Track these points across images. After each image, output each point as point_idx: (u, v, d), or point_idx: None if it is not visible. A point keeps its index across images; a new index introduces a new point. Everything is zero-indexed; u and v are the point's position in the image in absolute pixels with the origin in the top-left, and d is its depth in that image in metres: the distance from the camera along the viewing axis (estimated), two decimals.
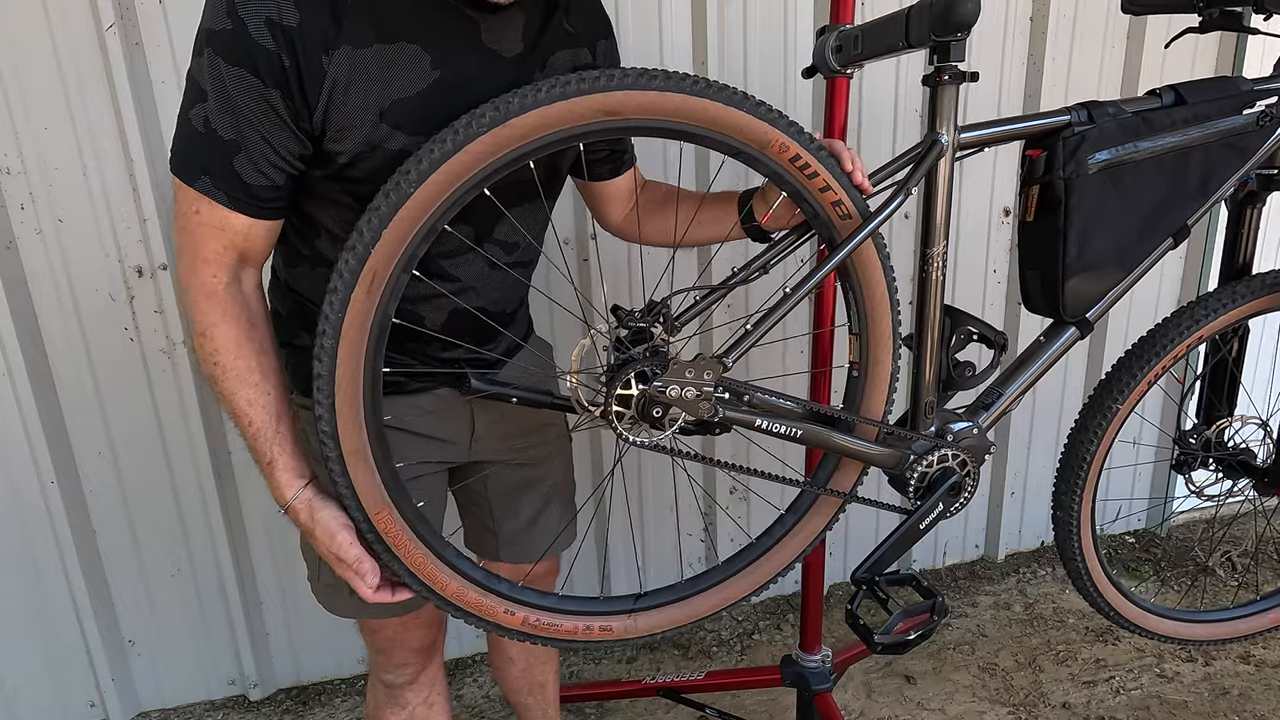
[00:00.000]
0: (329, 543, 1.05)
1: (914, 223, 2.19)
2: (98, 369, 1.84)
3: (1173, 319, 1.48)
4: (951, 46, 1.13)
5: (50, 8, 1.62)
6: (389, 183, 0.95)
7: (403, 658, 1.34)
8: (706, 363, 1.09)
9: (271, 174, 0.98)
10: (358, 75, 0.97)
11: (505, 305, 1.24)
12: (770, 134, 1.05)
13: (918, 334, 1.30)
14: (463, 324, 1.17)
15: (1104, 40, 2.23)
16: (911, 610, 1.31)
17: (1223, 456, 1.67)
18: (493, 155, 0.96)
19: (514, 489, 1.37)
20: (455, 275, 1.14)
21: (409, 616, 1.29)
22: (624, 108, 0.98)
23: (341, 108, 0.97)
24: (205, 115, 0.94)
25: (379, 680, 1.39)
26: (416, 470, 1.22)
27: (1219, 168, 1.36)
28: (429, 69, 1.00)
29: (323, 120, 0.98)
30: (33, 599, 1.93)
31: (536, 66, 1.09)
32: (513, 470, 1.36)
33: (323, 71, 0.95)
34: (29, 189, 1.70)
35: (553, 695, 1.65)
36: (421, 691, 1.39)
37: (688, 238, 1.32)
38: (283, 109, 0.95)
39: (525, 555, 1.40)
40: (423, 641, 1.35)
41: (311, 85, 0.95)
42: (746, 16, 1.96)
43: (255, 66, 0.92)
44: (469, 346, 1.20)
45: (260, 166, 0.97)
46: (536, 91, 0.95)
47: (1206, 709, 2.04)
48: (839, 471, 1.31)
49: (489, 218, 1.12)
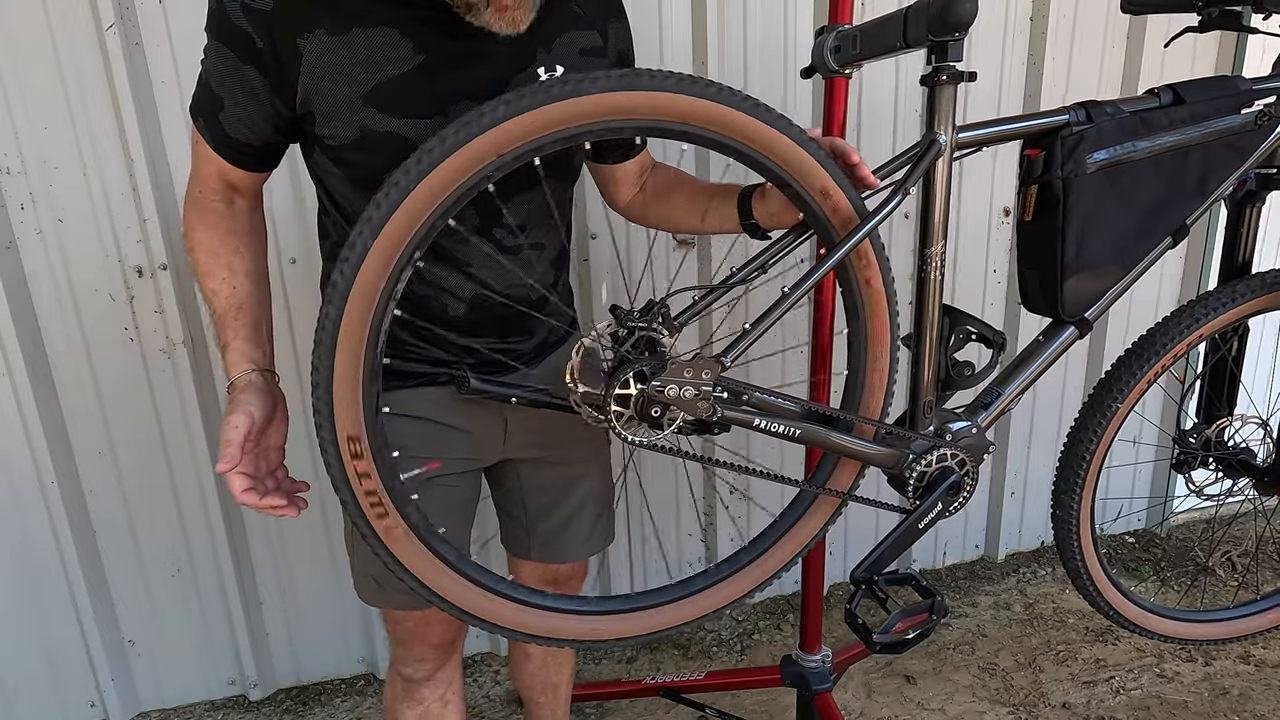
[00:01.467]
0: (224, 421, 1.05)
1: (913, 222, 2.19)
2: (98, 369, 1.84)
3: (1172, 318, 1.48)
4: (949, 46, 1.13)
5: (50, 8, 1.62)
6: (385, 186, 0.95)
7: (422, 652, 1.35)
8: (705, 362, 1.09)
9: (248, 135, 1.07)
10: (337, 60, 1.01)
11: (528, 292, 1.21)
12: (768, 133, 1.05)
13: (916, 333, 1.30)
14: (484, 314, 1.18)
15: (1104, 40, 2.23)
16: (910, 610, 1.31)
17: (1223, 456, 1.67)
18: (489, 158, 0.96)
19: (549, 488, 1.37)
20: (463, 259, 1.14)
21: (430, 611, 1.29)
22: (621, 109, 0.98)
23: (323, 92, 1.02)
24: (205, 70, 1.06)
25: (398, 674, 1.40)
26: (449, 468, 1.23)
27: (1218, 167, 1.36)
28: (411, 53, 1.03)
29: (306, 103, 1.03)
30: (33, 599, 1.93)
31: (540, 47, 1.09)
32: (548, 469, 1.35)
33: (298, 54, 1.00)
34: (29, 189, 1.70)
35: (564, 697, 1.65)
36: (438, 689, 1.39)
37: (693, 228, 1.32)
38: (258, 85, 1.03)
39: (558, 556, 1.40)
40: (443, 637, 1.35)
41: (289, 67, 1.01)
42: (746, 16, 1.96)
43: (232, 44, 1.01)
44: (486, 341, 1.19)
45: (237, 124, 1.06)
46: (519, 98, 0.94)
47: (1206, 709, 2.04)
48: (838, 471, 1.31)
49: (486, 198, 1.10)
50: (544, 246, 1.23)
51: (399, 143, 1.04)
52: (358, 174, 1.07)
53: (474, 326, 1.19)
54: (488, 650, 2.31)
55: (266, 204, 1.26)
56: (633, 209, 1.39)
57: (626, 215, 1.42)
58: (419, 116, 1.04)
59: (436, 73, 1.04)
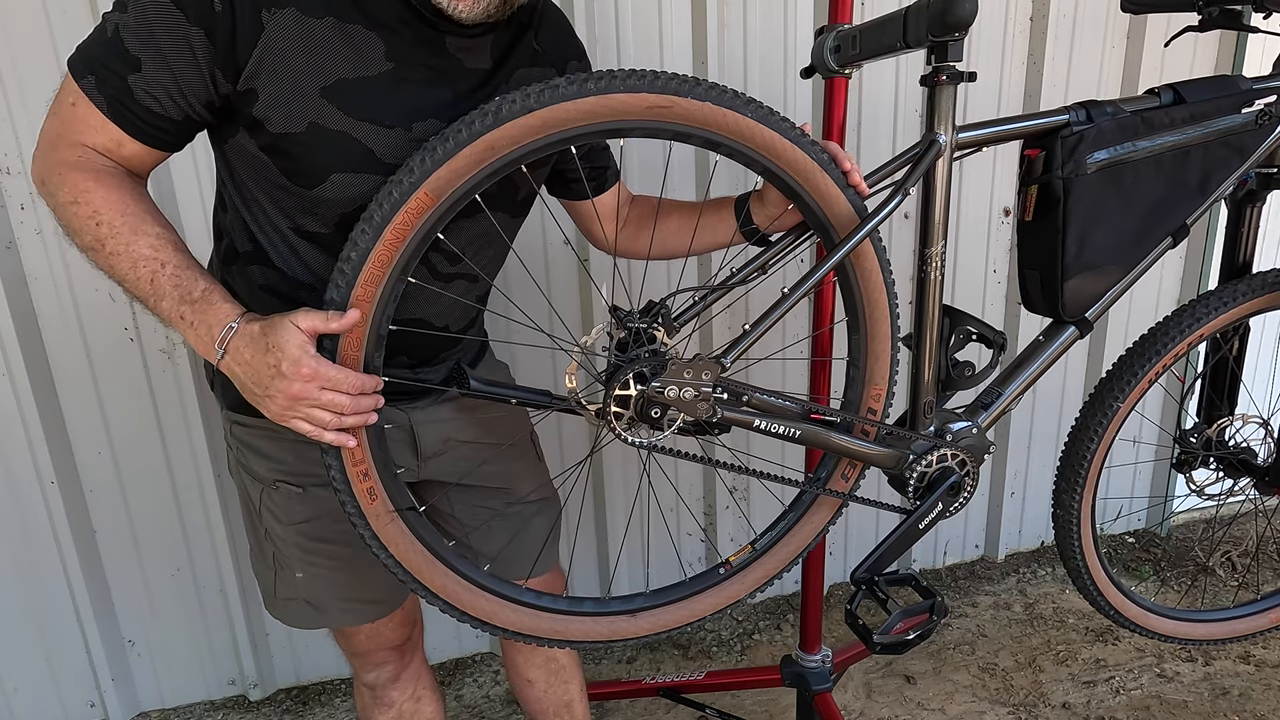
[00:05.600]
0: (299, 354, 0.91)
1: (913, 222, 2.19)
2: (98, 369, 1.84)
3: (1173, 317, 1.48)
4: (949, 46, 1.13)
5: (50, 8, 1.62)
6: (386, 186, 0.96)
7: (381, 657, 1.34)
8: (705, 363, 1.08)
9: (166, 105, 0.94)
10: (303, 43, 0.94)
11: (448, 321, 1.18)
12: (767, 135, 1.05)
13: (917, 334, 1.30)
14: (398, 336, 1.09)
15: (1104, 40, 2.22)
16: (911, 610, 1.31)
17: (1223, 455, 1.67)
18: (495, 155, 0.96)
19: (482, 510, 1.32)
20: None
21: (380, 621, 1.28)
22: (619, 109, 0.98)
23: (276, 73, 0.94)
24: (117, 25, 0.92)
25: (362, 684, 1.38)
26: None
27: (1218, 166, 1.36)
28: (382, 58, 0.99)
29: (253, 80, 0.94)
30: (33, 599, 1.93)
31: (502, 81, 1.08)
32: (475, 492, 1.30)
33: (259, 27, 0.92)
34: (29, 189, 1.70)
35: (581, 714, 1.55)
36: (406, 688, 1.38)
37: (684, 249, 1.31)
38: (201, 51, 0.91)
39: (512, 572, 1.32)
40: (400, 638, 1.34)
41: (244, 38, 0.92)
42: (746, 16, 1.96)
43: (181, 1, 0.90)
44: (392, 371, 1.10)
45: (154, 92, 0.93)
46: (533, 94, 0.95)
47: (1206, 709, 2.04)
48: (838, 471, 1.31)
49: None
50: (477, 279, 1.19)
51: (351, 146, 0.98)
52: (291, 167, 0.99)
53: (392, 347, 1.10)
54: (487, 650, 2.31)
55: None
56: (622, 242, 1.36)
57: (619, 252, 1.38)
58: (380, 124, 0.99)
59: (405, 84, 1.00)
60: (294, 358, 0.91)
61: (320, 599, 1.24)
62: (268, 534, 1.23)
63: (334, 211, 1.02)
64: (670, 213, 1.32)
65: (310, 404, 0.94)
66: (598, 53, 1.88)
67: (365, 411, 0.98)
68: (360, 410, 0.97)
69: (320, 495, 1.17)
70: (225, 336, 0.94)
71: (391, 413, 1.18)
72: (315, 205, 1.02)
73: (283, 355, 0.91)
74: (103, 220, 0.94)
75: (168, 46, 0.91)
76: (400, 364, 1.16)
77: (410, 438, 1.22)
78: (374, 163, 1.00)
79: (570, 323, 2.03)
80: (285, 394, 0.93)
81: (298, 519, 1.20)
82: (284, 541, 1.21)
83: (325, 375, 0.93)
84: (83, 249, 0.97)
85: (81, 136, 0.95)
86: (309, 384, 0.93)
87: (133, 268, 0.94)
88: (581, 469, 1.85)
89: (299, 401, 0.93)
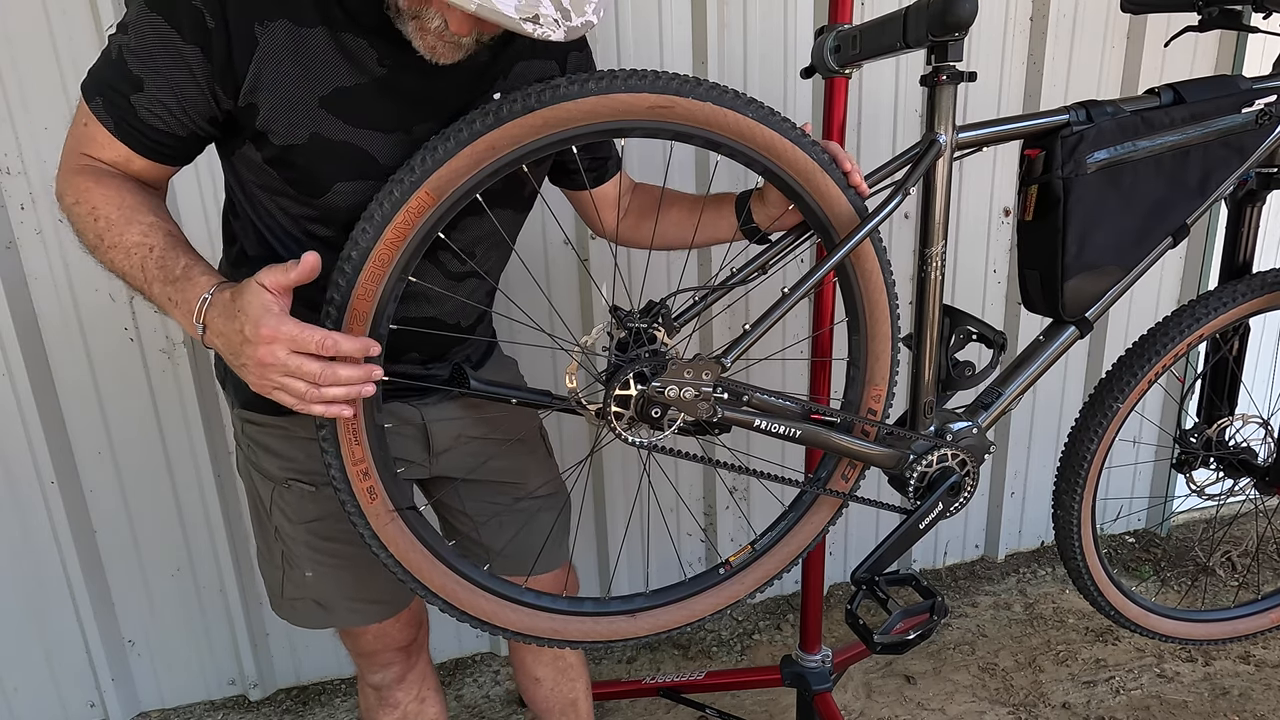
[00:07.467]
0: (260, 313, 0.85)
1: (913, 222, 2.19)
2: (98, 369, 1.84)
3: (1173, 318, 1.48)
4: (949, 46, 1.13)
5: (50, 8, 1.62)
6: (387, 185, 0.95)
7: (387, 657, 1.34)
8: (705, 363, 1.09)
9: (169, 122, 0.95)
10: (297, 55, 0.94)
11: (460, 319, 1.19)
12: (768, 135, 1.05)
13: (917, 334, 1.30)
14: (412, 337, 1.11)
15: (1104, 39, 2.22)
16: (911, 610, 1.31)
17: (1223, 455, 1.67)
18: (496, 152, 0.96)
19: (491, 505, 1.33)
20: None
21: (387, 621, 1.28)
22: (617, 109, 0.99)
23: (276, 86, 0.94)
24: (120, 46, 0.93)
25: (367, 684, 1.38)
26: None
27: (1218, 166, 1.36)
28: (376, 64, 0.98)
29: (252, 94, 0.94)
30: (33, 599, 1.93)
31: (500, 74, 1.07)
32: (484, 487, 1.32)
33: (254, 40, 0.93)
34: (29, 189, 1.70)
35: (585, 713, 1.56)
36: (411, 689, 1.38)
37: (684, 242, 1.31)
38: (198, 67, 0.92)
39: (521, 567, 1.35)
40: (406, 638, 1.34)
41: (240, 52, 0.93)
42: (746, 16, 1.96)
43: (176, 18, 0.91)
44: (399, 367, 1.12)
45: (156, 111, 0.94)
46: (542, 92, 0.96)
47: (1206, 709, 2.04)
48: (838, 471, 1.31)
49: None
50: (488, 275, 1.20)
51: (354, 154, 0.99)
52: (296, 177, 1.00)
53: (395, 350, 1.12)
54: (487, 650, 2.31)
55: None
56: (623, 232, 1.37)
57: (619, 240, 1.38)
58: (381, 130, 1.00)
59: (399, 88, 1.00)
60: (255, 318, 0.85)
61: (328, 598, 1.24)
62: (277, 533, 1.23)
63: (342, 217, 1.03)
64: (672, 205, 1.32)
65: (280, 371, 0.86)
66: (598, 52, 1.88)
67: (347, 383, 0.88)
68: (338, 381, 0.88)
69: (332, 493, 1.18)
70: (202, 310, 0.90)
71: (405, 410, 1.20)
72: (323, 212, 1.03)
73: (245, 318, 0.85)
74: (100, 215, 0.94)
75: (166, 65, 0.92)
76: (411, 360, 1.17)
77: (423, 434, 1.23)
78: (378, 168, 1.00)
79: (570, 322, 2.03)
80: (254, 360, 0.86)
81: (308, 517, 1.21)
82: (293, 540, 1.22)
83: (286, 333, 0.85)
84: (89, 249, 0.97)
85: (93, 153, 0.98)
86: (271, 346, 0.85)
87: (126, 257, 0.93)
88: (581, 469, 1.84)
89: (268, 369, 0.86)
